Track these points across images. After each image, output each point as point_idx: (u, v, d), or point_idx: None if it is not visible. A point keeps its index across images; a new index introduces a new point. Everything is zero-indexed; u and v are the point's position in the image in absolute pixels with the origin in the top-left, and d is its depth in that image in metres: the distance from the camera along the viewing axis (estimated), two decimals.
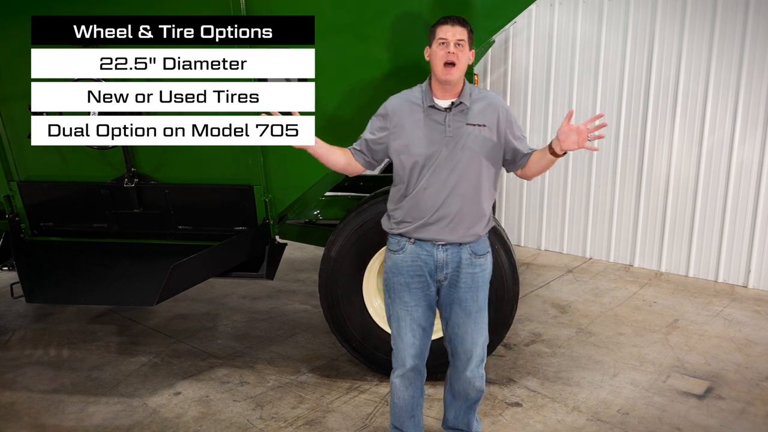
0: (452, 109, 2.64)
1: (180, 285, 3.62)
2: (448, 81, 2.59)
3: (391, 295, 2.80)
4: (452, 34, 2.57)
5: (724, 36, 5.24)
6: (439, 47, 2.59)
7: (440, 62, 2.58)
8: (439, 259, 2.70)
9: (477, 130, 2.64)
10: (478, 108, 2.66)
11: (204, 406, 3.55)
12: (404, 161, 2.68)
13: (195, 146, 3.75)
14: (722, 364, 4.03)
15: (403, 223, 2.72)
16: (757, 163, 5.26)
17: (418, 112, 2.67)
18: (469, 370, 2.84)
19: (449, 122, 2.63)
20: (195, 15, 3.42)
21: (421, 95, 2.69)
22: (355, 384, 3.79)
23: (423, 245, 2.70)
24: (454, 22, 2.60)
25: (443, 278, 2.73)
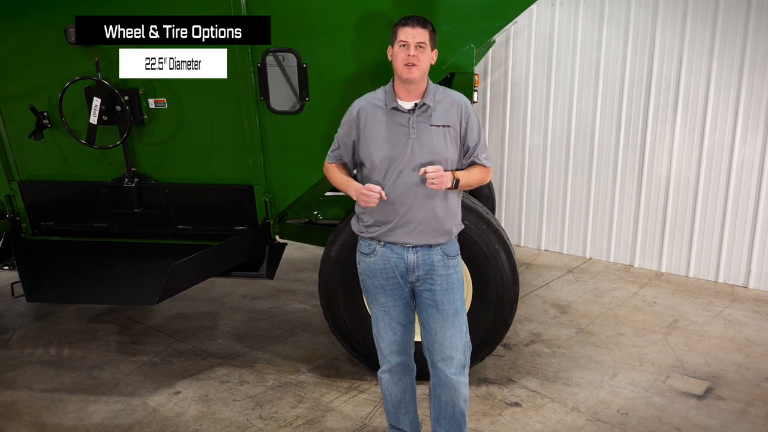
0: (416, 110, 2.62)
1: (180, 284, 3.62)
2: (410, 80, 2.58)
3: (368, 297, 2.83)
4: (413, 36, 2.55)
5: (725, 37, 5.24)
6: (400, 49, 2.58)
7: (401, 63, 2.57)
8: (410, 261, 2.69)
9: (441, 130, 2.62)
10: (442, 108, 2.65)
11: (204, 405, 3.56)
12: (369, 164, 2.68)
13: (195, 146, 3.82)
14: (722, 365, 4.03)
15: (373, 226, 2.72)
16: (757, 164, 5.26)
17: (381, 114, 2.65)
18: (451, 375, 2.73)
19: (413, 123, 2.61)
20: (198, 14, 3.47)
21: (384, 97, 2.68)
22: (354, 384, 3.80)
23: (393, 248, 2.70)
24: (414, 23, 2.57)
25: (415, 280, 2.72)
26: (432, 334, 2.75)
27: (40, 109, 3.78)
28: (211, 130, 3.79)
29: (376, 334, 2.87)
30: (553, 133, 6.35)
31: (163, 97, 3.72)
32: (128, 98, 3.65)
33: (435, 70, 3.48)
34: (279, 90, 3.64)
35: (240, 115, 3.69)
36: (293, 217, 4.62)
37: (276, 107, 3.66)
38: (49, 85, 3.72)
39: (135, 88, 3.67)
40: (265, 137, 3.75)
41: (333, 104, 3.64)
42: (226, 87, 3.63)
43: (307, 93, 3.61)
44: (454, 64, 3.46)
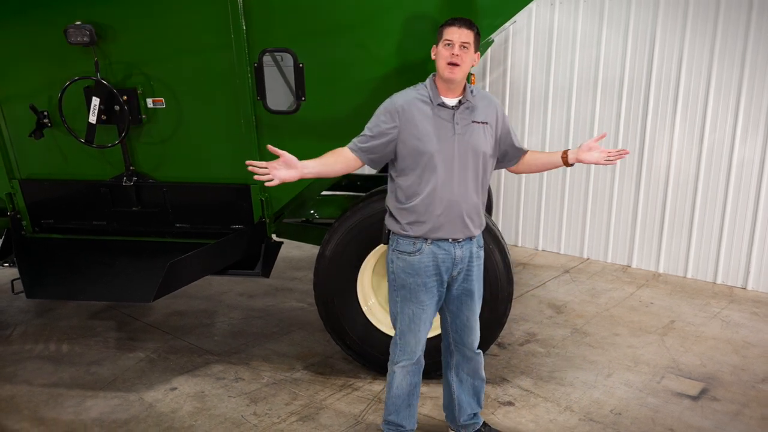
0: (459, 107, 2.71)
1: (177, 282, 3.66)
2: (452, 80, 2.65)
3: (405, 295, 2.82)
4: (458, 36, 2.63)
5: (726, 35, 5.23)
6: (445, 48, 2.65)
7: (444, 62, 2.64)
8: (457, 256, 2.77)
9: (481, 127, 2.73)
10: (481, 106, 2.76)
11: (199, 402, 3.59)
12: (416, 158, 2.70)
13: (193, 145, 3.85)
14: (718, 366, 4.03)
15: (418, 223, 2.73)
16: (757, 164, 5.25)
17: (426, 109, 2.70)
18: (476, 353, 3.02)
19: (457, 120, 2.70)
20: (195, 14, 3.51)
21: (428, 93, 2.73)
22: (348, 381, 3.82)
23: (441, 244, 2.74)
24: (461, 24, 2.65)
25: (457, 273, 2.80)
26: (464, 321, 2.93)
27: (41, 109, 3.82)
28: (208, 129, 3.82)
29: (405, 330, 2.88)
30: (551, 132, 6.36)
31: (161, 97, 3.75)
32: (127, 98, 3.68)
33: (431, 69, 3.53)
34: (275, 90, 3.66)
35: (237, 114, 3.71)
36: (290, 216, 4.65)
37: (272, 107, 3.69)
38: (49, 84, 3.75)
39: (133, 87, 3.71)
40: (261, 136, 3.77)
41: (329, 104, 3.67)
42: (223, 86, 3.66)
43: (303, 93, 3.63)
44: None
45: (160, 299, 4.95)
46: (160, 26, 3.59)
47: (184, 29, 3.58)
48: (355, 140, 2.81)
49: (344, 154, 2.80)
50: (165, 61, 3.67)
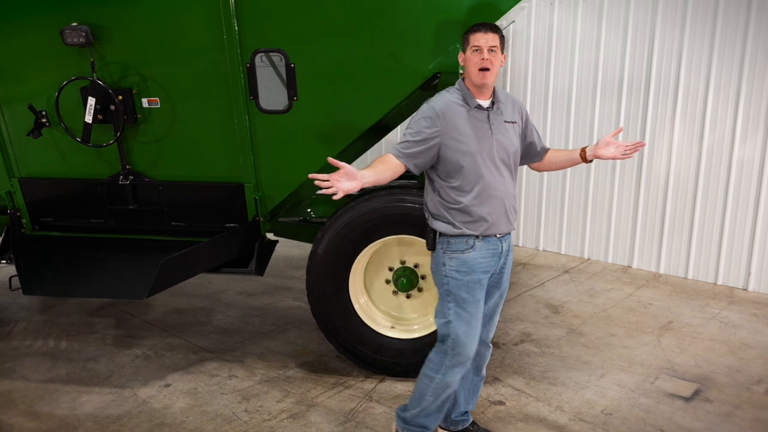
0: (493, 108, 2.80)
1: (170, 280, 3.69)
2: (485, 84, 2.73)
3: (462, 296, 2.79)
4: (485, 41, 2.68)
5: (725, 34, 5.20)
6: (474, 54, 2.71)
7: (475, 68, 2.70)
8: (503, 250, 2.85)
9: (511, 126, 2.84)
10: (509, 106, 2.87)
11: (192, 398, 3.63)
12: (460, 159, 2.74)
13: (187, 144, 3.89)
14: (713, 367, 4.01)
15: (471, 222, 2.77)
16: (758, 163, 5.21)
17: (463, 112, 2.76)
18: (488, 346, 3.08)
19: (492, 120, 2.78)
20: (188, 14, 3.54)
21: (463, 97, 2.79)
22: (341, 380, 3.84)
23: (489, 240, 2.80)
24: (486, 29, 2.71)
25: (499, 268, 2.88)
26: (488, 312, 2.96)
27: (39, 108, 3.88)
28: (202, 129, 3.86)
29: (462, 333, 2.80)
30: (551, 132, 6.34)
31: (156, 97, 3.79)
32: (122, 98, 3.73)
33: (422, 70, 3.55)
34: (268, 89, 3.69)
35: (230, 114, 3.75)
36: (286, 215, 4.67)
37: (265, 106, 3.72)
38: (47, 85, 3.81)
39: (129, 87, 3.76)
40: (254, 136, 3.81)
41: (321, 103, 3.69)
42: (216, 87, 3.70)
43: (295, 92, 3.66)
44: (440, 64, 3.49)
45: (160, 297, 5.06)
46: (154, 27, 3.64)
47: (177, 30, 3.63)
48: (399, 147, 2.78)
49: (391, 161, 2.76)
50: (159, 62, 3.72)
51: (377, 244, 3.74)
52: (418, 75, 3.54)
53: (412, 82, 3.57)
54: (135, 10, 3.60)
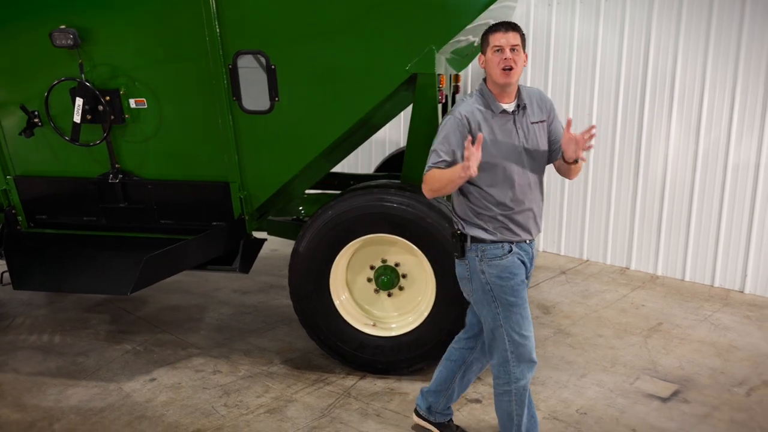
0: (518, 111, 2.75)
1: (153, 276, 3.77)
2: (508, 84, 2.66)
3: (509, 299, 2.75)
4: (506, 40, 2.62)
5: (720, 34, 5.14)
6: (495, 54, 2.64)
7: (498, 68, 2.64)
8: (533, 255, 2.86)
9: (539, 126, 2.79)
10: (534, 105, 2.80)
11: (174, 392, 3.71)
12: (488, 168, 2.69)
13: (174, 144, 3.97)
14: (697, 369, 3.98)
15: (503, 228, 2.76)
16: (753, 164, 5.15)
17: (489, 118, 2.72)
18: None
19: (518, 124, 2.74)
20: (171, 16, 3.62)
21: (486, 102, 2.73)
22: (322, 376, 3.89)
23: (522, 246, 2.80)
24: (507, 28, 2.65)
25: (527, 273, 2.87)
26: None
27: (31, 109, 3.99)
28: (188, 129, 3.95)
29: (521, 336, 2.78)
30: None
31: (143, 98, 3.88)
32: (109, 98, 3.82)
33: (399, 72, 3.59)
34: (250, 90, 3.76)
35: (214, 114, 3.82)
36: (276, 214, 4.73)
37: (248, 107, 3.79)
38: (39, 86, 3.91)
39: (116, 88, 3.85)
40: (238, 136, 3.88)
41: (302, 104, 3.75)
42: (200, 87, 3.78)
43: (276, 93, 3.72)
44: (417, 66, 3.52)
45: (156, 294, 5.17)
46: (139, 29, 3.73)
47: (161, 32, 3.72)
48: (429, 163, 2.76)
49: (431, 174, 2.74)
50: (145, 63, 3.81)
51: (357, 242, 3.78)
52: (396, 76, 3.58)
53: (389, 83, 3.61)
54: (121, 12, 3.69)
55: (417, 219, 3.60)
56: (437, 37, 3.47)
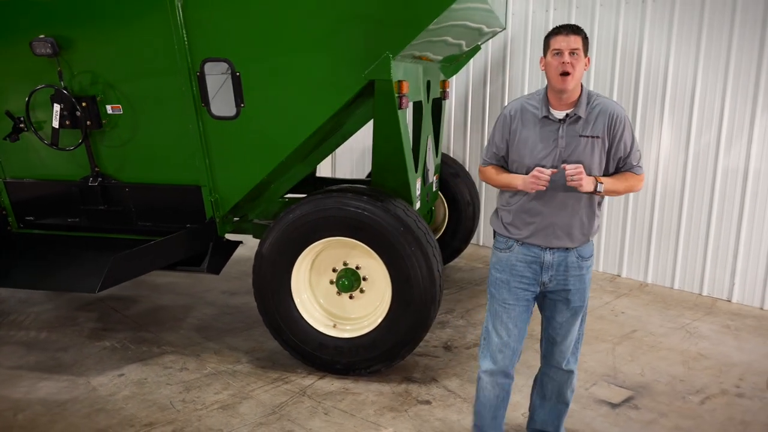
0: (566, 120, 2.64)
1: (121, 275, 3.91)
2: (565, 90, 2.58)
3: (492, 292, 2.87)
4: (566, 43, 2.55)
5: (711, 41, 5.09)
6: (554, 57, 2.57)
7: (556, 72, 2.57)
8: (546, 262, 2.74)
9: (590, 141, 2.63)
10: (592, 118, 2.65)
11: (138, 388, 3.85)
12: (516, 168, 2.74)
13: (149, 148, 4.13)
14: (657, 376, 3.95)
15: (512, 226, 2.79)
16: (742, 172, 5.07)
17: (534, 120, 2.69)
18: (565, 366, 2.95)
19: (562, 134, 2.64)
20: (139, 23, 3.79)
21: (539, 104, 2.69)
22: (283, 375, 3.99)
23: (531, 248, 2.75)
24: (568, 31, 2.57)
25: (548, 280, 2.78)
26: (557, 328, 2.90)
27: (17, 115, 4.21)
28: (161, 134, 4.12)
29: (489, 329, 2.91)
30: None
31: (118, 104, 4.07)
32: (86, 104, 4.02)
33: (357, 78, 3.68)
34: (218, 97, 3.90)
35: (185, 120, 3.98)
36: (255, 217, 4.85)
37: (216, 113, 3.94)
38: (23, 92, 4.13)
39: (93, 95, 4.04)
40: (207, 141, 4.03)
41: (266, 110, 3.88)
42: (171, 94, 3.94)
43: (242, 99, 3.86)
44: (374, 72, 3.61)
45: (146, 294, 5.37)
46: (112, 38, 3.91)
47: (133, 41, 3.89)
48: (484, 156, 2.90)
49: (487, 171, 2.88)
50: (119, 71, 3.99)
51: (319, 245, 3.88)
52: (354, 83, 3.67)
53: (348, 90, 3.70)
54: (95, 21, 3.88)
55: (373, 223, 3.67)
56: (393, 44, 3.54)
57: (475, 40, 5.20)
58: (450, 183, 5.85)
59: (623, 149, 2.70)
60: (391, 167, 4.02)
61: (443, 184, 5.85)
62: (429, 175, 5.03)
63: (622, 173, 2.75)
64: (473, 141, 7.09)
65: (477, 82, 6.94)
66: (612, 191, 2.70)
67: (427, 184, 4.92)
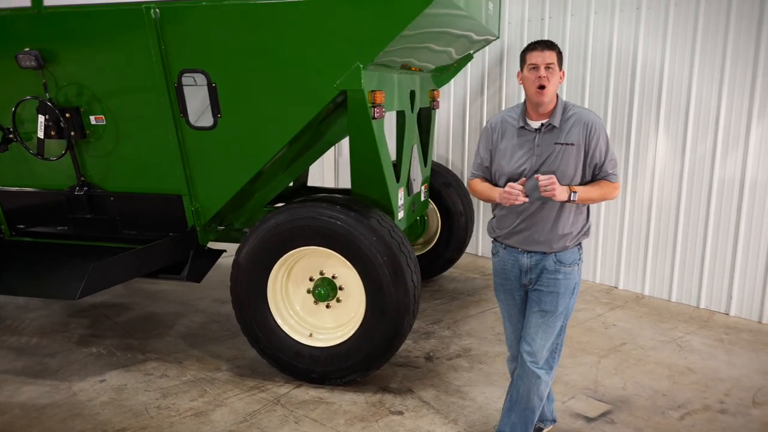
0: (542, 130, 2.81)
1: (100, 283, 3.95)
2: (541, 102, 2.75)
3: (495, 293, 3.15)
4: (542, 58, 2.72)
5: (705, 50, 5.01)
6: (530, 72, 2.75)
7: (533, 86, 2.73)
8: (524, 264, 2.92)
9: (565, 149, 2.77)
10: (568, 127, 2.79)
11: (117, 393, 3.90)
12: (498, 176, 2.92)
13: (132, 158, 4.19)
14: (639, 390, 3.86)
15: (497, 230, 3.01)
16: (738, 182, 4.95)
17: (512, 131, 2.87)
18: (533, 371, 2.95)
19: (538, 142, 2.80)
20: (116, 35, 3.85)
21: (517, 115, 2.88)
22: (260, 384, 4.00)
23: (511, 251, 2.95)
24: (543, 47, 2.74)
25: (528, 282, 2.94)
26: (528, 328, 2.97)
27: (6, 126, 4.31)
28: (143, 144, 4.17)
29: (505, 323, 3.20)
30: None
31: (101, 115, 4.14)
32: (70, 115, 4.10)
33: (329, 88, 3.69)
34: (196, 107, 3.95)
35: (165, 130, 4.04)
36: (241, 226, 4.90)
37: (194, 123, 3.98)
38: (11, 104, 4.23)
39: (77, 106, 4.12)
40: (187, 151, 4.08)
41: (242, 120, 3.91)
42: (150, 105, 4.00)
43: (219, 110, 3.90)
44: (345, 83, 3.62)
45: (139, 301, 5.47)
46: (94, 50, 3.99)
47: (113, 53, 3.95)
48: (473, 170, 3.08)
49: (472, 183, 3.05)
50: (101, 83, 4.06)
51: (294, 254, 3.89)
52: (327, 93, 3.69)
53: (320, 99, 3.72)
54: (77, 35, 3.96)
55: (346, 233, 3.67)
56: (363, 55, 3.55)
57: (465, 48, 5.19)
58: (442, 193, 5.82)
59: (599, 156, 2.82)
60: (369, 177, 4.03)
61: (436, 194, 5.83)
62: (415, 184, 5.01)
63: (597, 181, 2.88)
64: (471, 150, 7.05)
65: (474, 91, 6.91)
66: (586, 199, 2.82)
67: (412, 194, 4.90)
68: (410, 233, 5.89)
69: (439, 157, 7.30)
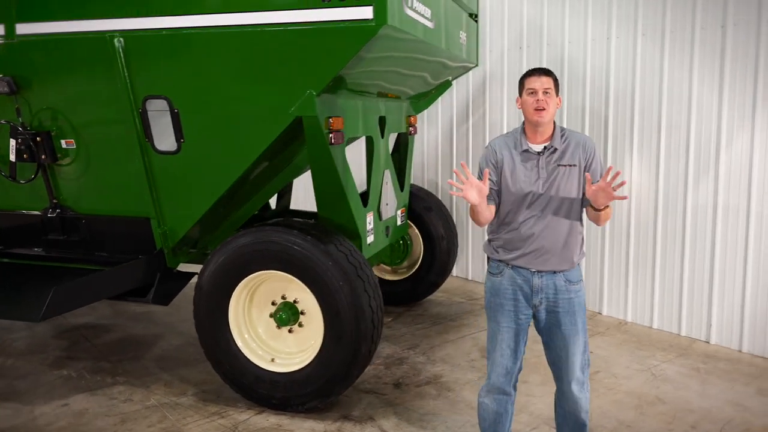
0: (545, 153, 2.89)
1: (64, 305, 3.96)
2: (540, 122, 2.85)
3: (489, 314, 3.06)
4: (540, 83, 2.84)
5: (673, 74, 4.98)
6: (529, 96, 2.86)
7: (531, 107, 2.85)
8: (535, 285, 2.91)
9: (568, 170, 2.89)
10: (569, 149, 2.91)
11: (76, 418, 3.90)
12: (504, 199, 2.96)
13: (102, 181, 4.23)
14: (604, 421, 3.78)
15: (502, 249, 2.98)
16: (711, 207, 4.88)
17: (515, 155, 2.94)
18: (574, 390, 3.00)
19: (543, 164, 2.89)
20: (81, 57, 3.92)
21: (515, 141, 2.95)
22: (222, 410, 3.98)
23: (520, 271, 2.93)
24: (540, 73, 2.87)
25: (539, 303, 2.93)
26: (557, 351, 3.00)
27: None
28: (112, 167, 4.22)
29: (487, 348, 3.11)
30: None
31: (71, 139, 4.21)
32: (41, 139, 4.17)
33: (284, 114, 3.71)
34: (160, 132, 3.99)
35: (132, 154, 4.09)
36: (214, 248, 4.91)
37: (159, 148, 4.03)
38: None
39: (48, 130, 4.20)
40: (153, 175, 4.12)
41: (204, 145, 3.95)
42: (117, 129, 4.06)
43: (182, 135, 3.94)
44: (300, 109, 3.64)
45: (121, 322, 5.52)
46: (63, 77, 4.07)
47: (80, 80, 4.03)
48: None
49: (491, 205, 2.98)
50: (69, 108, 4.13)
51: (254, 279, 3.89)
52: (283, 119, 3.71)
53: (277, 125, 3.74)
54: (47, 62, 4.05)
55: (302, 257, 3.67)
56: (316, 82, 3.57)
57: (440, 74, 5.20)
58: (423, 217, 5.81)
59: (596, 176, 2.92)
60: (332, 201, 4.04)
61: (417, 218, 5.81)
62: (389, 209, 5.00)
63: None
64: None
65: (461, 115, 6.91)
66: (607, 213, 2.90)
67: (384, 219, 4.89)
68: (392, 257, 5.87)
69: (429, 182, 7.29)
